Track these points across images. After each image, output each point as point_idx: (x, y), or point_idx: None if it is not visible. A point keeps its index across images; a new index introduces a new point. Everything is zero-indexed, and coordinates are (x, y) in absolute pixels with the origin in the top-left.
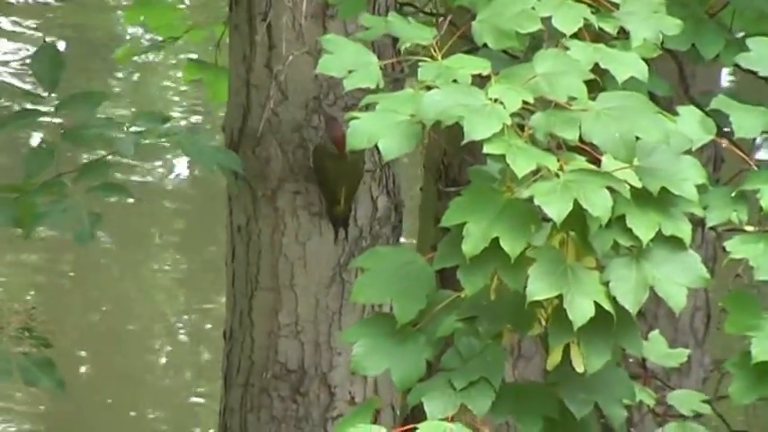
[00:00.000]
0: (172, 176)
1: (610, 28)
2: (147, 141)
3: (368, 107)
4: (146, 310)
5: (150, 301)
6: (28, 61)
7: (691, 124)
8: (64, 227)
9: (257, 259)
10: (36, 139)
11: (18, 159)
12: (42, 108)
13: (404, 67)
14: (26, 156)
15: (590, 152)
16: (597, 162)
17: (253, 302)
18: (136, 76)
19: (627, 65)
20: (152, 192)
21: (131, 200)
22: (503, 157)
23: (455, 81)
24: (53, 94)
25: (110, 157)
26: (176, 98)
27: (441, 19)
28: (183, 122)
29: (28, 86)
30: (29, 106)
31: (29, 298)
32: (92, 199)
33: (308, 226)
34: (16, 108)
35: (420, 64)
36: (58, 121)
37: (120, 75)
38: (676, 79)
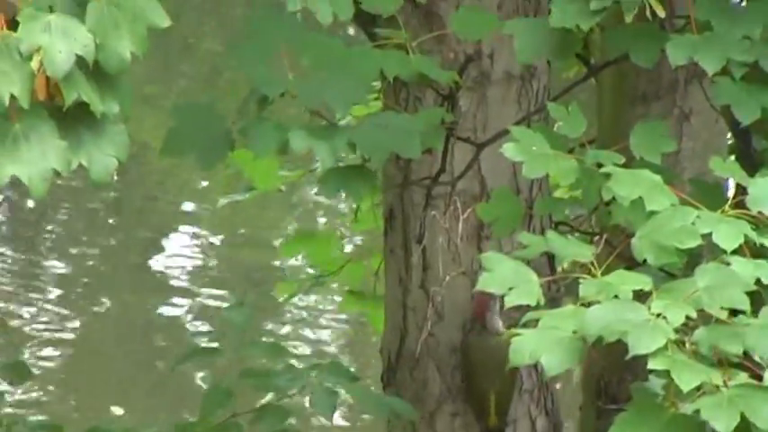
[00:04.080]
0: None
1: None
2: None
3: (530, 324)
4: None
5: None
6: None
7: None
8: None
9: None
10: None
11: None
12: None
13: (560, 287)
14: (204, 394)
15: (751, 368)
16: (758, 377)
17: None
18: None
19: None
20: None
21: None
22: (667, 372)
23: (616, 297)
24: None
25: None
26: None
27: (596, 237)
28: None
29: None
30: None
31: None
32: None
33: None
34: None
35: (580, 281)
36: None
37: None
38: None
